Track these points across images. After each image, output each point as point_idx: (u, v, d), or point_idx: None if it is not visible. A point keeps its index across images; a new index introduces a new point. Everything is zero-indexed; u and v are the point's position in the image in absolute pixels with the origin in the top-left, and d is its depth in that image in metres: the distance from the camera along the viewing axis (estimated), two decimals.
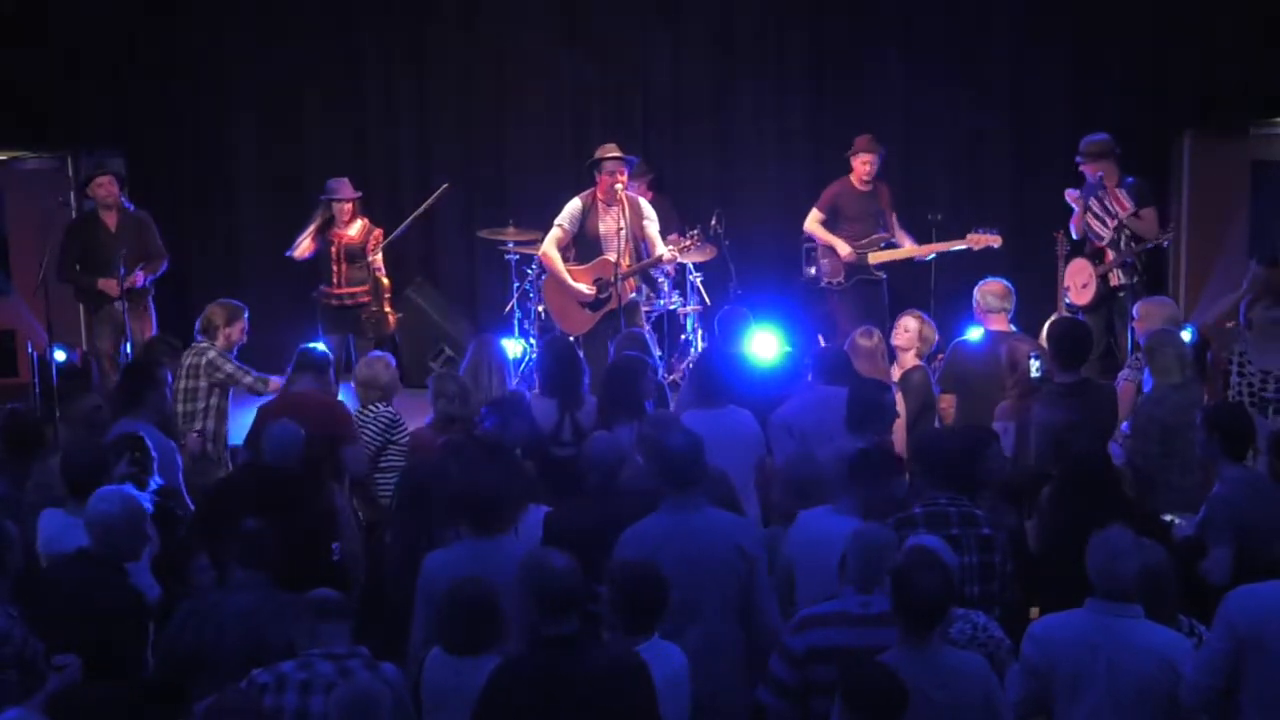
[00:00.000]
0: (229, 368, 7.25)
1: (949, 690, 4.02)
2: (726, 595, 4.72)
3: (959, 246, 9.10)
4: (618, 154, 8.52)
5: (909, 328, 7.42)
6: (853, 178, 9.26)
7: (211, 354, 7.19)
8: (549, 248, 8.64)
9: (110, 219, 8.85)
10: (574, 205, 8.61)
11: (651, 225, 8.52)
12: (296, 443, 5.69)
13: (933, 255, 9.22)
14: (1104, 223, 8.88)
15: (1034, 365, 6.70)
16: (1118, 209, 8.77)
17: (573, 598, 4.05)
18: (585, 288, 8.59)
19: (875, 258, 9.17)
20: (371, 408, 6.71)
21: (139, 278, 8.68)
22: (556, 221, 8.64)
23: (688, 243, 8.56)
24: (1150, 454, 6.12)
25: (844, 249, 9.19)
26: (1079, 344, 6.45)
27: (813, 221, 9.35)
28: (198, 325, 7.39)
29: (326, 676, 4.21)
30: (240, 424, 7.30)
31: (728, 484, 5.35)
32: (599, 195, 8.51)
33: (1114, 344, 8.95)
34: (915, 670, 3.96)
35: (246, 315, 7.57)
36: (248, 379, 7.35)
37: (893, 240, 9.22)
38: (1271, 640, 4.05)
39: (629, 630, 4.25)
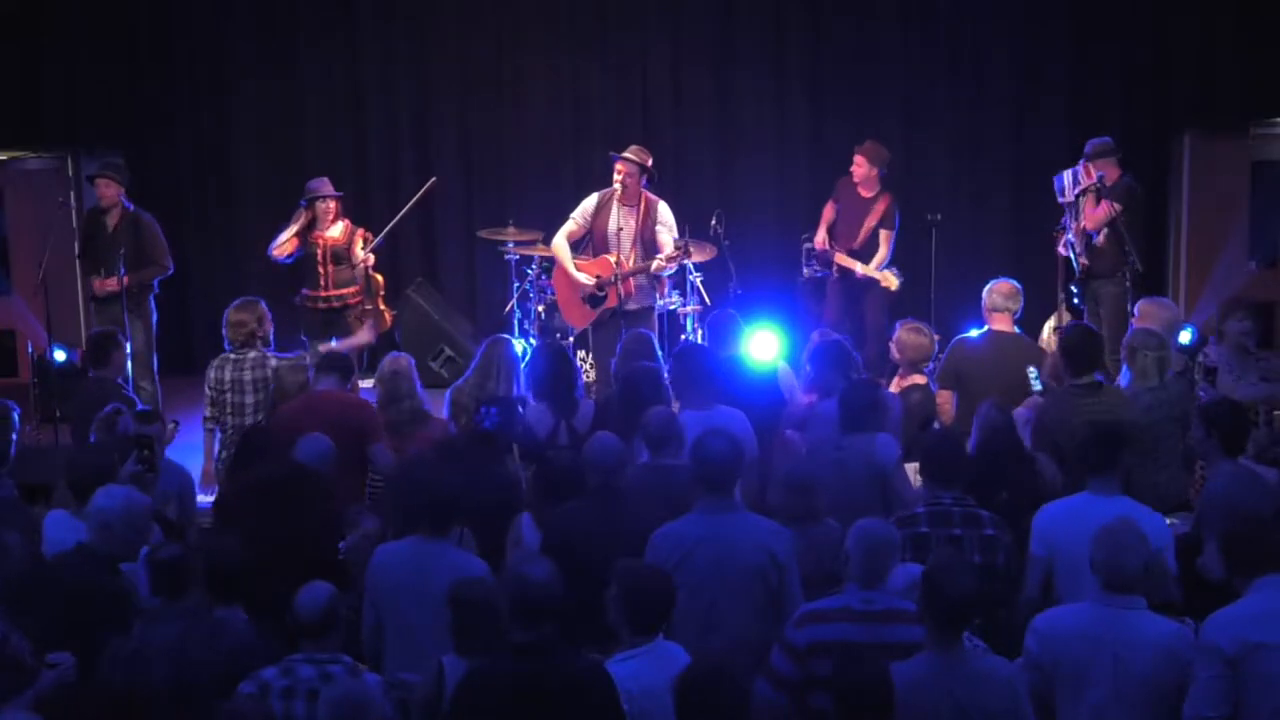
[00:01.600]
0: (273, 361, 7.28)
1: (979, 696, 4.02)
2: (756, 600, 4.72)
3: (869, 273, 9.10)
4: (630, 156, 8.52)
5: (895, 340, 7.37)
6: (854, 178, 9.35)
7: (274, 362, 7.17)
8: (558, 239, 8.69)
9: (111, 219, 8.83)
10: (589, 200, 8.67)
11: (664, 230, 8.49)
12: (327, 457, 5.73)
13: (864, 275, 9.17)
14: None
15: (1031, 376, 6.72)
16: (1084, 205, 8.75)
17: (546, 608, 4.05)
18: (585, 278, 8.61)
19: (840, 260, 9.23)
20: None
21: (111, 283, 8.61)
22: (571, 215, 8.71)
23: (674, 254, 8.53)
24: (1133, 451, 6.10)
25: (819, 236, 9.34)
26: (1092, 350, 6.46)
27: (827, 208, 9.45)
28: (228, 334, 7.33)
29: (309, 682, 4.22)
30: None
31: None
32: (613, 192, 8.54)
33: None
34: (945, 675, 3.98)
35: (264, 304, 7.60)
36: (297, 358, 7.39)
37: (856, 250, 9.22)
38: (1262, 656, 4.05)
39: (632, 631, 4.25)
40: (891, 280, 9.08)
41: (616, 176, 8.48)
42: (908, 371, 7.19)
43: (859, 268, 9.15)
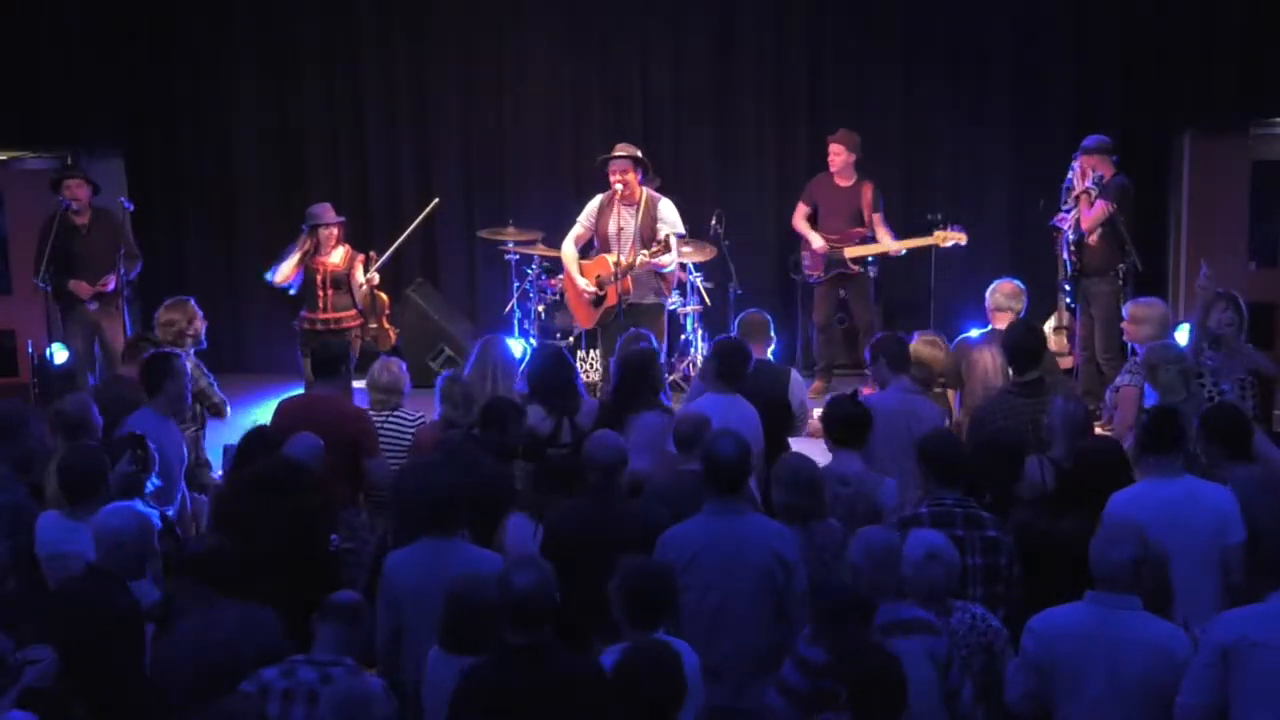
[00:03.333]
0: (204, 382, 7.10)
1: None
2: (764, 601, 4.73)
3: (926, 243, 9.27)
4: (620, 153, 8.54)
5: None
6: (831, 171, 9.44)
7: (189, 364, 6.89)
8: (565, 243, 8.80)
9: (80, 219, 8.76)
10: (592, 203, 8.75)
11: (664, 228, 8.50)
12: (316, 455, 5.74)
13: (904, 251, 9.34)
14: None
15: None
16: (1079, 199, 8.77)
17: (533, 611, 4.06)
18: (587, 284, 8.67)
19: (850, 252, 9.30)
20: (400, 413, 6.73)
21: (110, 281, 8.58)
22: (578, 219, 8.79)
23: (657, 248, 8.52)
24: None
25: (817, 241, 9.35)
26: (1034, 348, 6.50)
27: (797, 215, 9.58)
28: (159, 334, 7.22)
29: (308, 684, 4.22)
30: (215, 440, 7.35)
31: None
32: (617, 194, 8.56)
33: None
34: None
35: (194, 302, 7.51)
36: (216, 398, 7.19)
37: (870, 236, 9.28)
38: (1258, 655, 4.05)
39: (632, 625, 4.25)
40: (958, 236, 9.16)
41: (613, 178, 8.49)
42: (926, 385, 7.03)
43: (891, 248, 9.24)
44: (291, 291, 8.70)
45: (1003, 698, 4.39)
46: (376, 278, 8.75)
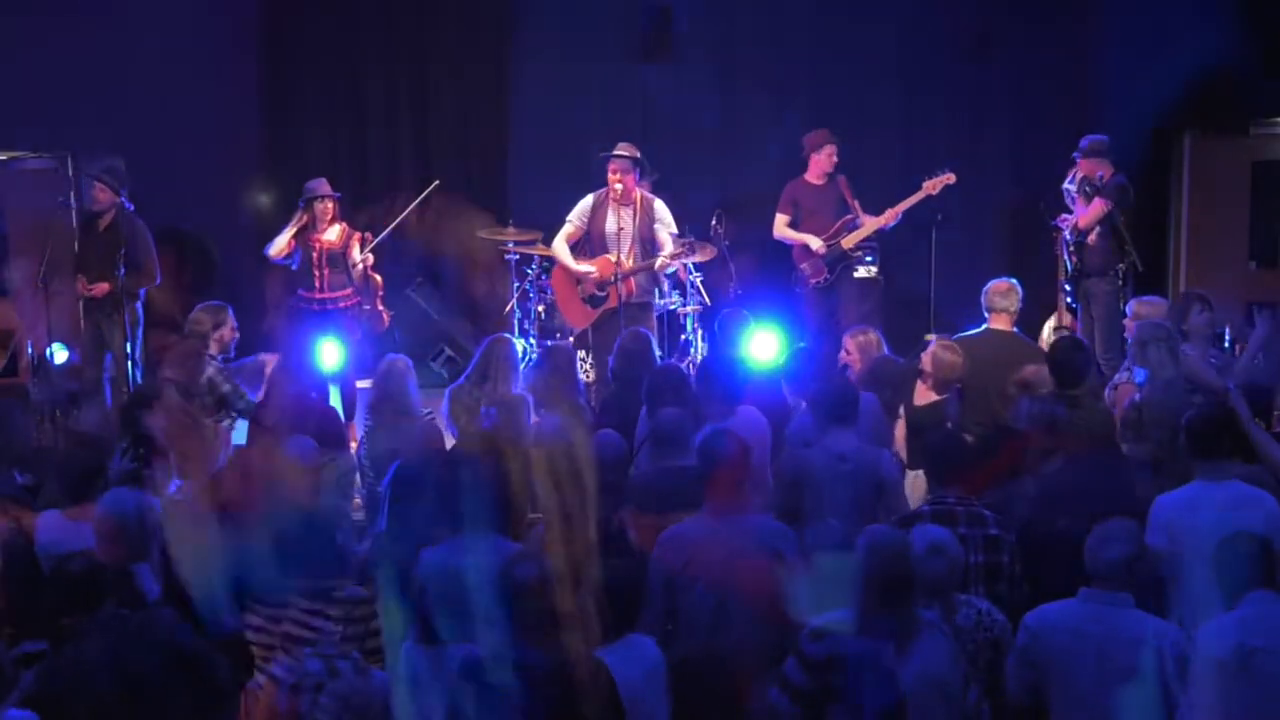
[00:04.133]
0: (226, 387, 6.97)
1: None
2: (763, 602, 4.70)
3: (917, 198, 9.24)
4: (621, 153, 8.55)
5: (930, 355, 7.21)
6: (808, 174, 9.42)
7: (210, 370, 6.92)
8: (557, 241, 8.78)
9: (103, 221, 8.77)
10: (585, 201, 8.72)
11: (662, 228, 8.53)
12: (315, 458, 5.76)
13: (898, 219, 9.31)
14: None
15: None
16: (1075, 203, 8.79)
17: (533, 607, 4.06)
18: (589, 267, 8.64)
19: (848, 242, 9.27)
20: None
21: (95, 288, 8.56)
22: (568, 217, 8.75)
23: (679, 250, 8.57)
24: (1167, 442, 6.06)
25: (815, 243, 9.33)
26: (1080, 363, 6.48)
27: (780, 226, 9.51)
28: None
29: (315, 676, 4.22)
30: None
31: None
32: (610, 193, 8.56)
33: None
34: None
35: (231, 312, 7.48)
36: (242, 403, 7.02)
37: (857, 221, 9.27)
38: (1260, 660, 4.06)
39: (610, 625, 4.24)
40: (947, 178, 9.19)
41: (612, 177, 8.50)
42: (940, 390, 7.01)
43: (883, 220, 9.23)
44: (294, 267, 8.69)
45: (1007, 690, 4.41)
46: (371, 258, 8.73)
